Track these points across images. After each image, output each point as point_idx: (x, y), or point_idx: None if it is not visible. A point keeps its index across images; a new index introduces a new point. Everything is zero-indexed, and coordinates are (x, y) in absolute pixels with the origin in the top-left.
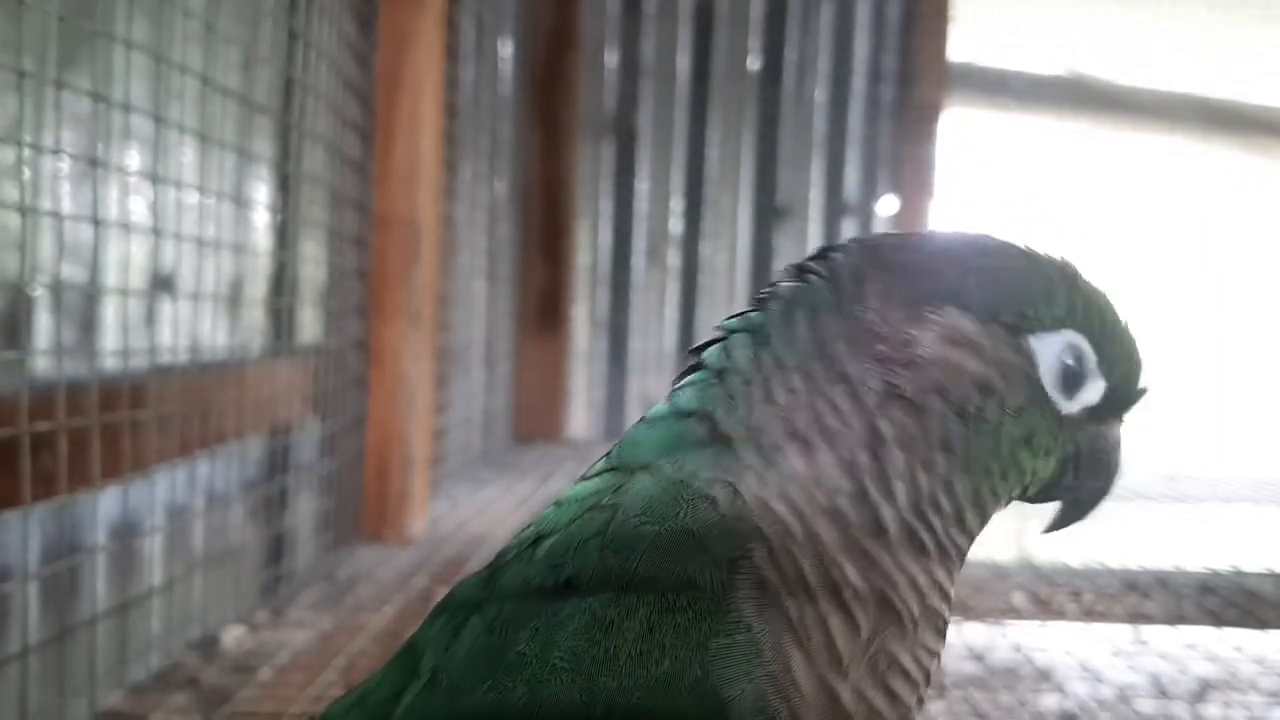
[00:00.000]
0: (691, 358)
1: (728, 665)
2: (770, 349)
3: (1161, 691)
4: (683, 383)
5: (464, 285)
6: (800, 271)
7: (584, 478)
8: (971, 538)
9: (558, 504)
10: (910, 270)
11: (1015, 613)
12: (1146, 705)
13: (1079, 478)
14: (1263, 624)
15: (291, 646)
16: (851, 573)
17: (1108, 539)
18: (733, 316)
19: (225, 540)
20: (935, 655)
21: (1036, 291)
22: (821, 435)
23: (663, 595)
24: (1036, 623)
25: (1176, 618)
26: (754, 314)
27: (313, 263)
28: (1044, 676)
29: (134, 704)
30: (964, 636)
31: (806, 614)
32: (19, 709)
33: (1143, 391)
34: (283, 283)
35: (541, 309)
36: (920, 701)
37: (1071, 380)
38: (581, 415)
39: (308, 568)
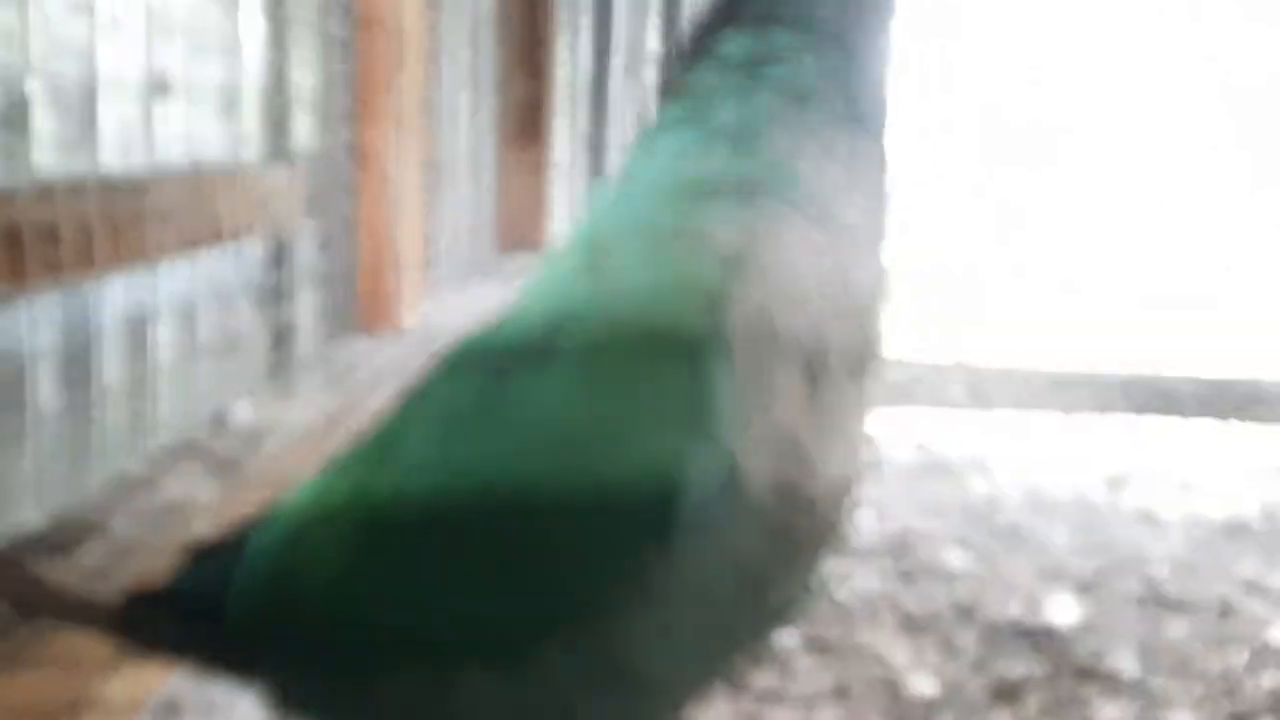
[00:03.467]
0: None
1: (713, 401)
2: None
3: (1083, 478)
4: (658, 135)
5: (448, 95)
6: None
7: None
8: None
9: (546, 266)
10: None
11: (952, 403)
12: (1068, 490)
13: None
14: (1182, 416)
15: (297, 423)
16: (819, 272)
17: (1039, 345)
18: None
19: (230, 329)
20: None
21: None
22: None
23: (651, 339)
24: (971, 414)
25: (1103, 409)
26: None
27: (304, 67)
28: (975, 464)
29: (149, 471)
30: (903, 426)
31: (787, 349)
32: (37, 475)
33: None
34: (276, 86)
35: (523, 122)
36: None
37: None
38: (563, 226)
39: (309, 356)
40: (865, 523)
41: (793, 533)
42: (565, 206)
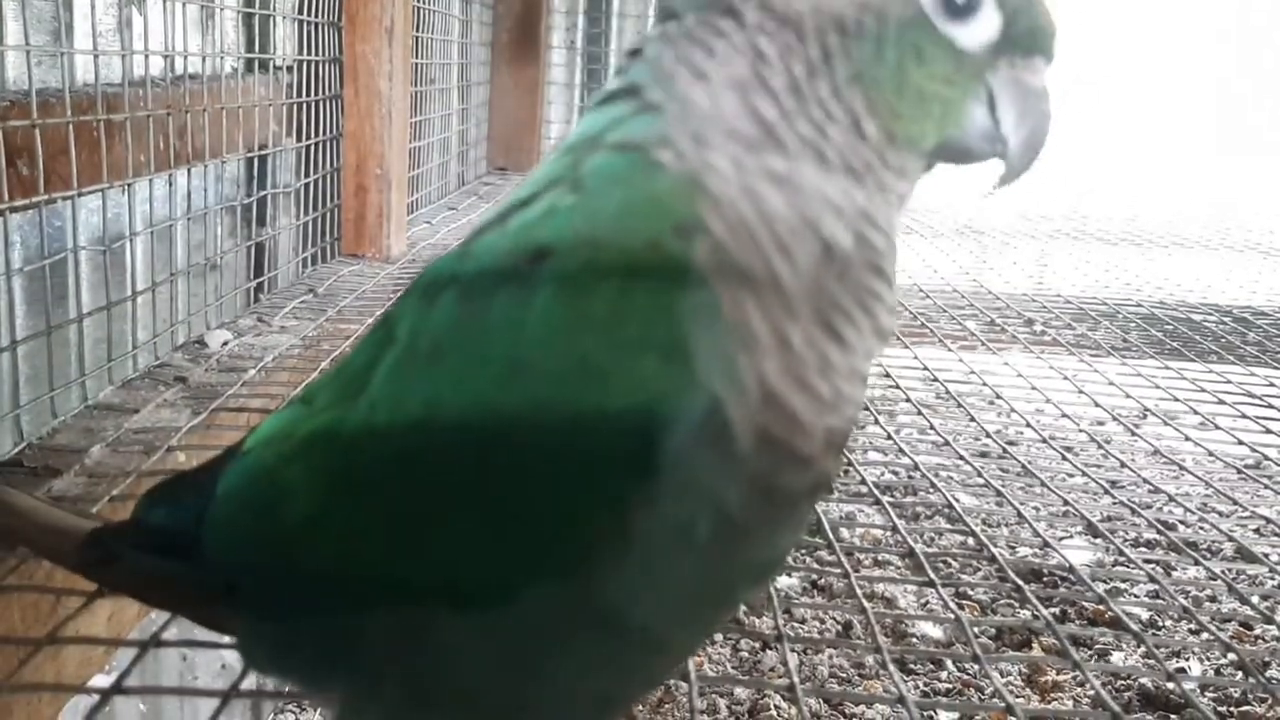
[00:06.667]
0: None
1: (694, 322)
2: (671, 18)
3: (1099, 415)
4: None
5: (439, 4)
6: None
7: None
8: (885, 160)
9: (523, 187)
10: None
11: (970, 338)
12: (1086, 426)
13: (1001, 126)
14: (1203, 354)
15: (276, 350)
16: (775, 202)
17: (1062, 272)
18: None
19: (207, 251)
20: (876, 296)
21: None
22: (714, 66)
23: (632, 259)
24: (989, 349)
25: (1123, 347)
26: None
27: None
28: (992, 399)
29: (125, 397)
30: (919, 359)
31: (753, 260)
32: (12, 400)
33: (1048, 30)
34: None
35: (518, 35)
36: (879, 334)
37: (955, 7)
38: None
39: (289, 281)
40: (873, 459)
41: (777, 487)
42: (561, 125)
